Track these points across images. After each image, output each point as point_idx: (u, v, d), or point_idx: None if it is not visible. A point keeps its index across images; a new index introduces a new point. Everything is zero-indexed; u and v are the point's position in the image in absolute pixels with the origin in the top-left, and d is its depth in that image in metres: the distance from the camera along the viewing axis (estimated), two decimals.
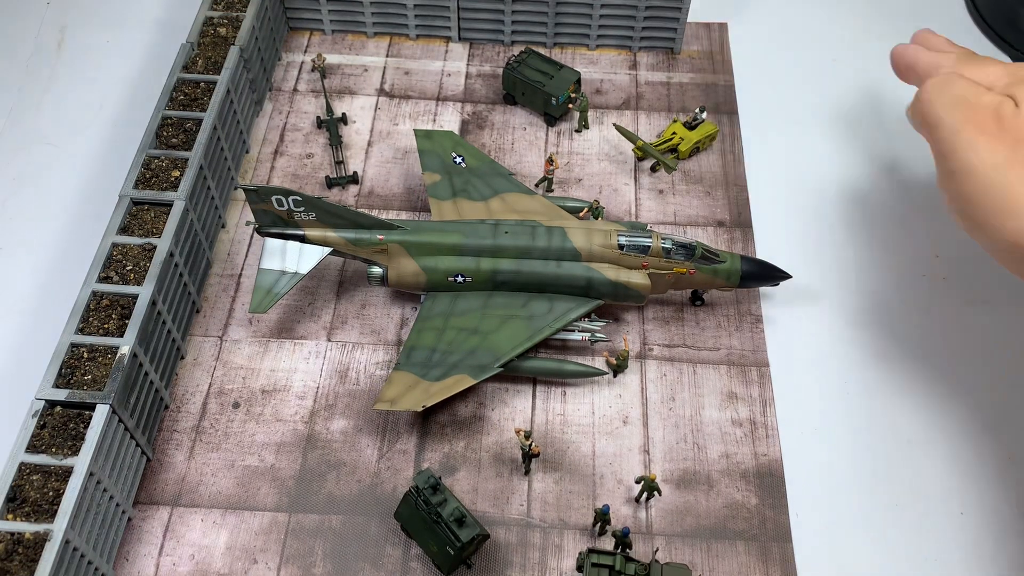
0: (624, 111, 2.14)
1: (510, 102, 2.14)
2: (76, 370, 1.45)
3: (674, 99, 2.16)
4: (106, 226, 1.63)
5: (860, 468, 1.61)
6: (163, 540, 1.51)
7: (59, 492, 1.33)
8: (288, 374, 1.70)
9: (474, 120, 2.11)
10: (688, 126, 2.04)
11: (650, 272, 1.68)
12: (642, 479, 1.52)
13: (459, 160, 1.90)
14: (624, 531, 1.44)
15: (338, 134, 2.03)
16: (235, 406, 1.65)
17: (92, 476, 1.36)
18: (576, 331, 1.69)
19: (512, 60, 2.09)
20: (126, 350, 1.46)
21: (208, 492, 1.55)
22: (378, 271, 1.71)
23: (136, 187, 1.67)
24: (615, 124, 2.02)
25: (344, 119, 2.09)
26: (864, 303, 1.82)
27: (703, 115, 2.04)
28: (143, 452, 1.55)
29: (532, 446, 1.54)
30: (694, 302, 1.80)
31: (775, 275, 1.73)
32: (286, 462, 1.59)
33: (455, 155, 1.90)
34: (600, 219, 1.83)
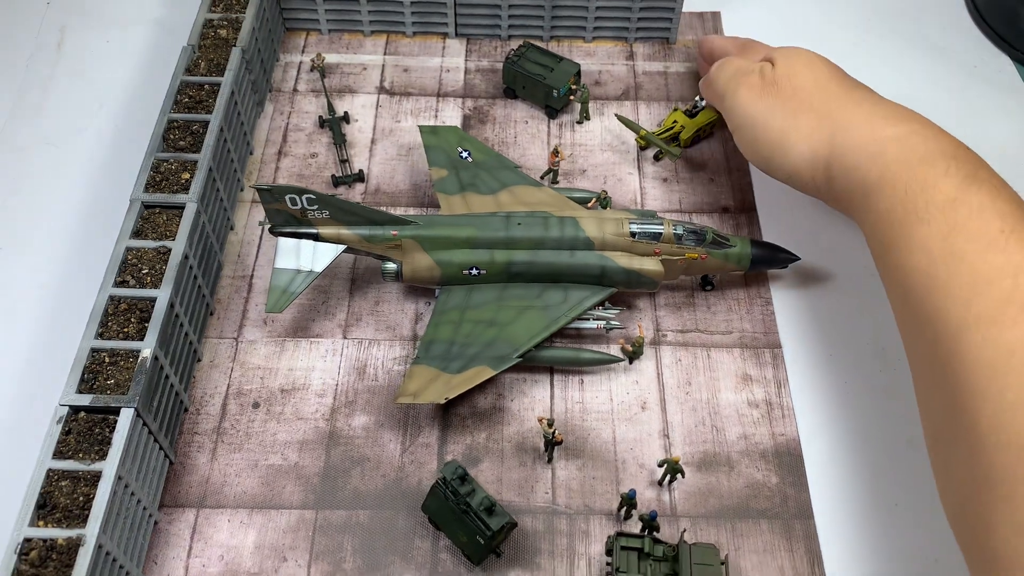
0: (624, 101, 2.16)
1: (511, 96, 2.15)
2: (98, 375, 1.44)
3: (672, 88, 2.18)
4: (119, 230, 1.62)
5: (877, 442, 1.63)
6: (191, 542, 1.50)
7: (89, 497, 1.33)
8: (306, 372, 1.70)
9: (475, 115, 2.12)
10: (689, 114, 2.06)
11: (663, 258, 1.70)
12: (665, 462, 1.54)
13: (465, 155, 1.91)
14: (652, 514, 1.46)
15: (341, 133, 2.04)
16: (255, 406, 1.66)
17: (120, 480, 1.36)
18: (591, 319, 1.71)
19: (512, 54, 2.11)
20: (148, 353, 1.46)
21: (233, 492, 1.56)
22: (392, 267, 1.71)
23: (146, 190, 1.67)
24: (617, 114, 2.04)
25: (346, 118, 2.09)
26: (869, 284, 1.84)
27: (703, 103, 2.06)
28: (166, 455, 1.55)
29: (555, 434, 1.55)
30: (704, 287, 1.83)
31: (784, 257, 1.76)
32: (310, 460, 1.59)
33: (461, 150, 1.91)
34: (609, 209, 1.85)
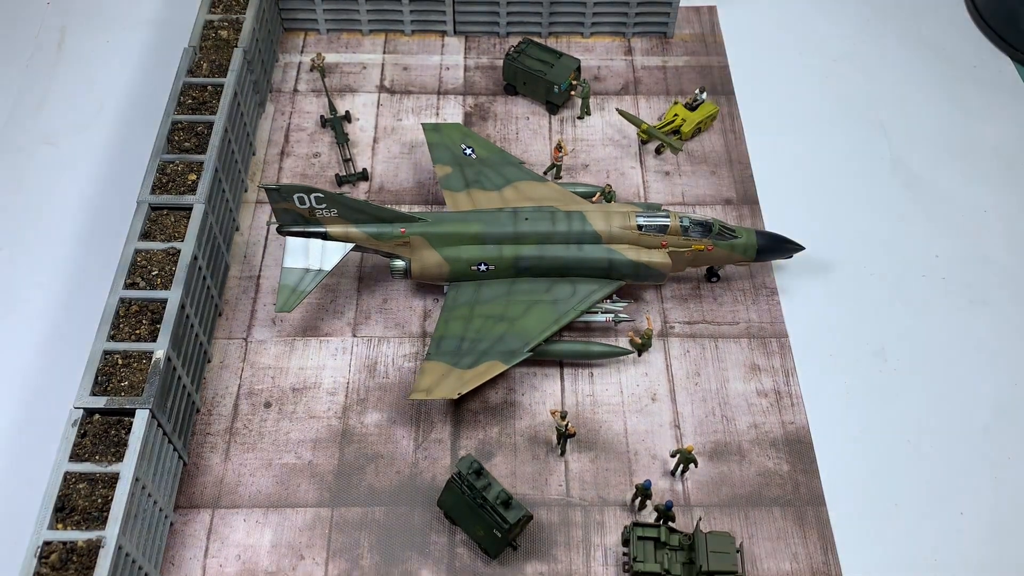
0: (624, 96, 2.17)
1: (511, 92, 2.15)
2: (112, 377, 1.44)
3: (671, 82, 2.20)
4: (126, 232, 1.62)
5: (886, 428, 1.65)
6: (207, 542, 1.50)
7: (107, 499, 1.33)
8: (317, 371, 1.70)
9: (477, 112, 2.12)
10: (689, 107, 2.07)
11: (670, 250, 1.71)
12: (678, 452, 1.55)
13: (469, 151, 1.91)
14: (667, 504, 1.47)
15: (344, 132, 2.04)
16: (267, 406, 1.66)
17: (138, 481, 1.36)
18: (600, 313, 1.72)
19: (512, 50, 2.11)
20: (161, 354, 1.46)
21: (248, 492, 1.56)
22: (401, 264, 1.72)
23: (153, 192, 1.67)
24: (618, 109, 2.05)
25: (348, 117, 2.09)
26: (871, 272, 1.86)
27: (703, 96, 2.07)
28: (180, 456, 1.55)
29: (568, 426, 1.56)
30: (710, 278, 1.84)
31: (789, 247, 1.77)
32: (323, 458, 1.59)
33: (464, 147, 1.92)
34: (614, 202, 1.86)
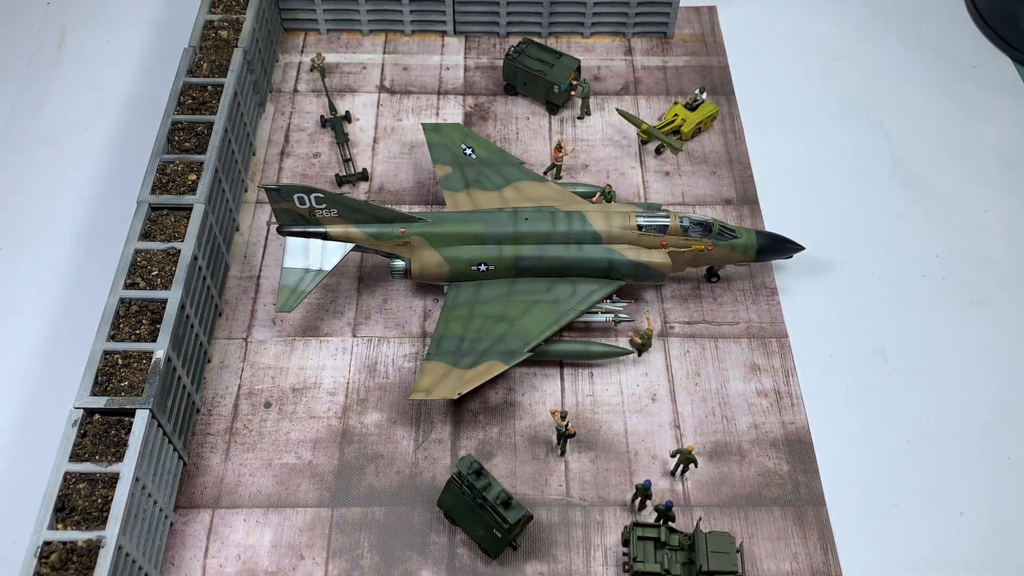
0: (624, 96, 2.17)
1: (511, 92, 2.15)
2: (112, 377, 1.44)
3: (671, 82, 2.20)
4: (126, 232, 1.63)
5: (886, 428, 1.65)
6: (207, 542, 1.50)
7: (107, 499, 1.33)
8: (317, 371, 1.70)
9: (477, 112, 2.12)
10: (689, 107, 2.07)
11: (670, 251, 1.71)
12: (678, 452, 1.55)
13: (469, 151, 1.91)
14: (667, 504, 1.47)
15: (344, 132, 2.04)
16: (267, 406, 1.66)
17: (138, 481, 1.36)
18: (600, 313, 1.72)
19: (512, 50, 2.11)
20: (161, 354, 1.46)
21: (248, 492, 1.56)
22: (401, 264, 1.72)
23: (153, 192, 1.67)
24: (618, 109, 2.05)
25: (348, 117, 2.09)
26: (872, 272, 1.86)
27: (703, 96, 2.07)
28: (180, 456, 1.55)
29: (568, 426, 1.56)
30: (710, 278, 1.84)
31: (789, 247, 1.77)
32: (324, 458, 1.59)
33: (464, 147, 1.92)
34: (614, 202, 1.86)
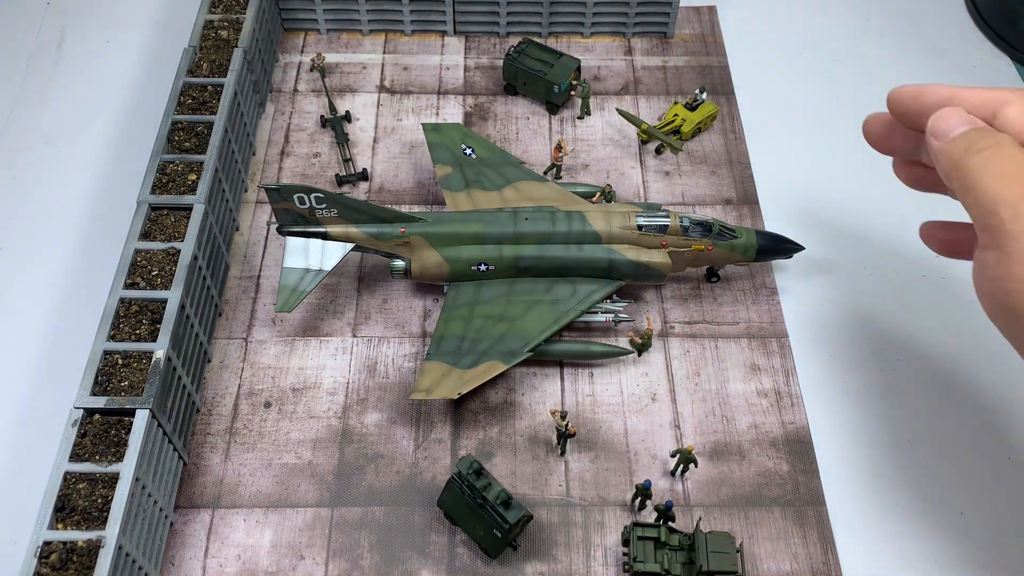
0: (624, 96, 2.17)
1: (511, 92, 2.15)
2: (112, 377, 1.44)
3: (671, 82, 2.20)
4: (126, 232, 1.63)
5: (886, 428, 1.65)
6: (207, 542, 1.50)
7: (107, 499, 1.33)
8: (317, 371, 1.70)
9: (477, 112, 2.12)
10: (689, 107, 2.07)
11: (670, 251, 1.71)
12: (678, 452, 1.55)
13: (469, 151, 1.91)
14: (667, 504, 1.47)
15: (344, 132, 2.04)
16: (267, 406, 1.66)
17: (138, 481, 1.36)
18: (600, 313, 1.72)
19: (512, 51, 2.11)
20: (161, 354, 1.46)
21: (248, 492, 1.56)
22: (401, 264, 1.72)
23: (153, 192, 1.67)
24: (618, 109, 2.05)
25: (348, 117, 2.09)
26: (870, 274, 1.86)
27: (703, 96, 2.07)
28: (180, 456, 1.55)
29: (568, 426, 1.56)
30: (710, 278, 1.84)
31: (789, 247, 1.77)
32: (323, 458, 1.59)
33: (464, 147, 1.92)
34: (614, 202, 1.86)
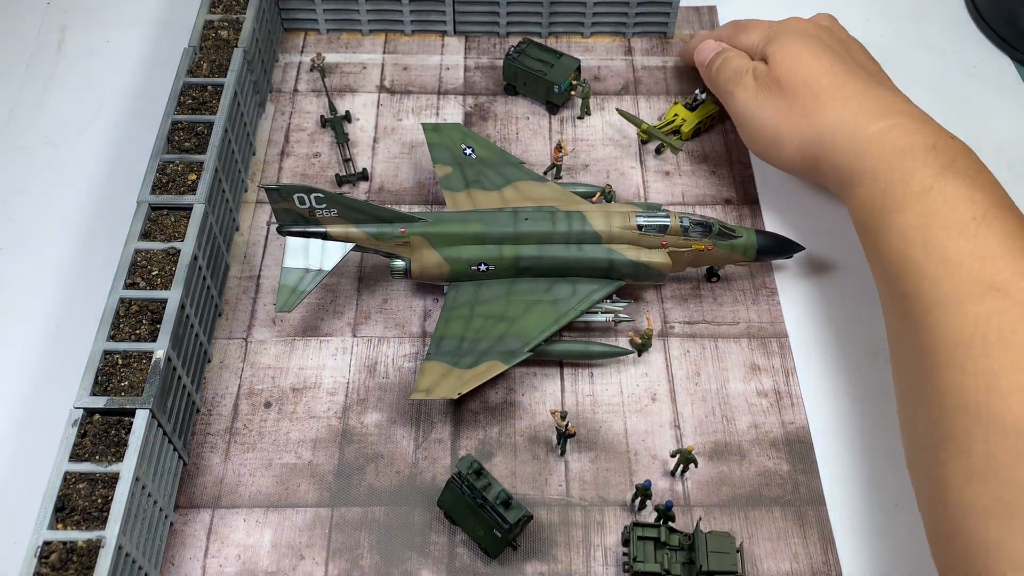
0: (624, 96, 2.17)
1: (511, 92, 2.15)
2: (112, 377, 1.44)
3: (672, 82, 2.20)
4: (126, 232, 1.63)
5: (886, 427, 1.65)
6: (207, 542, 1.50)
7: (107, 499, 1.33)
8: (317, 371, 1.70)
9: (477, 112, 2.12)
10: (689, 107, 2.07)
11: (670, 251, 1.71)
12: (678, 452, 1.55)
13: (469, 151, 1.91)
14: (667, 504, 1.47)
15: (344, 132, 2.04)
16: (267, 406, 1.66)
17: (138, 481, 1.36)
18: (600, 313, 1.72)
19: (512, 51, 2.11)
20: (161, 354, 1.46)
21: (248, 492, 1.56)
22: (401, 264, 1.72)
23: (153, 192, 1.67)
24: (618, 109, 2.05)
25: (348, 117, 2.09)
26: (870, 274, 1.86)
27: (703, 96, 2.07)
28: (180, 456, 1.55)
29: (568, 426, 1.56)
30: (710, 278, 1.84)
31: (789, 247, 1.77)
32: (323, 458, 1.59)
33: (464, 147, 1.92)
34: (615, 202, 1.86)
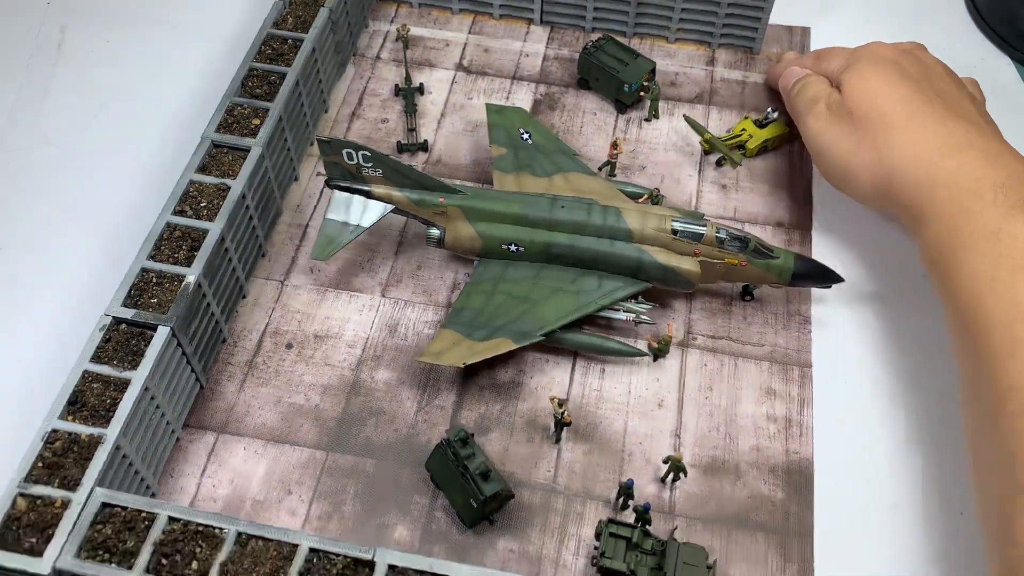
0: (696, 105, 2.15)
1: (583, 86, 2.17)
2: (144, 293, 1.54)
3: (748, 98, 2.17)
4: (186, 164, 1.73)
5: (896, 475, 1.60)
6: (207, 462, 1.59)
7: (116, 401, 1.42)
8: (341, 323, 1.76)
9: (546, 101, 2.15)
10: (759, 124, 2.04)
11: (701, 260, 1.70)
12: (669, 458, 1.54)
13: (526, 136, 1.94)
14: (645, 506, 1.47)
15: (414, 103, 2.10)
16: (288, 347, 1.73)
17: (147, 391, 1.45)
18: (621, 311, 1.72)
19: (589, 45, 2.13)
20: (191, 279, 1.55)
21: (253, 423, 1.63)
22: (436, 233, 1.76)
23: (218, 131, 1.76)
24: (685, 116, 2.04)
25: (421, 89, 2.15)
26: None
27: (775, 115, 2.04)
28: (197, 379, 1.63)
29: (565, 415, 1.57)
30: (744, 297, 1.81)
31: (827, 276, 1.73)
32: (329, 404, 1.66)
33: (523, 131, 1.95)
34: (656, 205, 1.85)
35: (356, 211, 1.76)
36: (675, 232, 1.69)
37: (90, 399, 1.43)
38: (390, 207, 1.76)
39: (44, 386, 1.59)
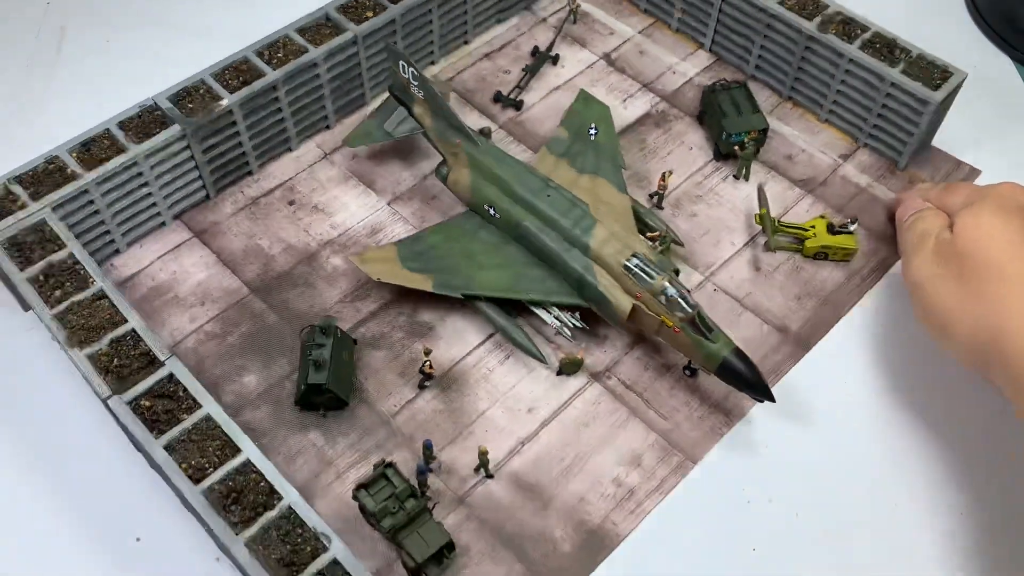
0: (798, 189, 2.01)
1: (700, 121, 2.11)
2: (185, 99, 1.81)
3: (853, 205, 1.98)
4: None
5: None
6: (168, 251, 1.86)
7: (108, 159, 1.72)
8: (341, 206, 1.94)
9: (656, 116, 2.13)
10: (831, 229, 1.87)
11: (638, 305, 1.64)
12: (481, 452, 1.55)
13: (593, 132, 1.95)
14: (427, 443, 1.53)
15: (538, 68, 2.18)
16: (290, 203, 1.95)
17: (136, 165, 1.74)
18: (552, 315, 1.71)
19: (718, 84, 2.06)
20: (225, 103, 1.81)
21: (220, 243, 1.87)
22: (444, 170, 1.86)
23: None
24: (760, 184, 1.93)
25: (556, 59, 2.22)
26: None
27: (853, 227, 1.86)
28: (205, 187, 1.90)
29: (428, 365, 1.63)
30: (684, 370, 1.72)
31: (756, 389, 1.59)
32: (282, 260, 1.85)
33: (593, 126, 1.96)
34: (664, 249, 1.80)
35: (394, 120, 1.91)
36: (626, 268, 1.65)
37: (97, 153, 1.74)
38: (420, 129, 1.89)
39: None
